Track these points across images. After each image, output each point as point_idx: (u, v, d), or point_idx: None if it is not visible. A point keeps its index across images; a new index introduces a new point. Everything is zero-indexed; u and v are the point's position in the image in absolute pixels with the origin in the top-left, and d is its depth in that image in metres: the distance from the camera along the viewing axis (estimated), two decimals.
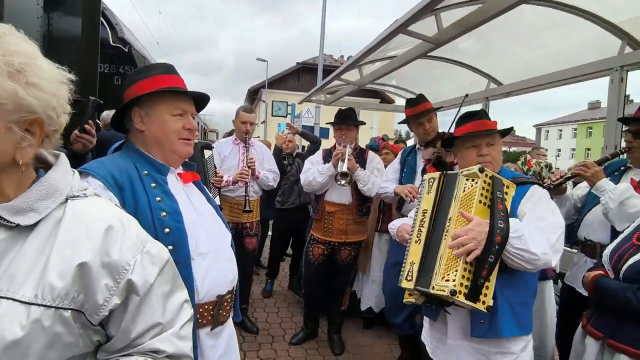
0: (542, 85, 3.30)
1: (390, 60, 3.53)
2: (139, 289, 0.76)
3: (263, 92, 23.41)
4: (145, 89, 1.25)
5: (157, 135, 1.26)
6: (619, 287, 1.53)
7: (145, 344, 0.78)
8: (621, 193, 1.93)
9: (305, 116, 11.85)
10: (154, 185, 1.20)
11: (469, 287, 1.39)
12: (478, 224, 1.42)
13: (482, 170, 1.52)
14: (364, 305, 3.66)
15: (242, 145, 3.40)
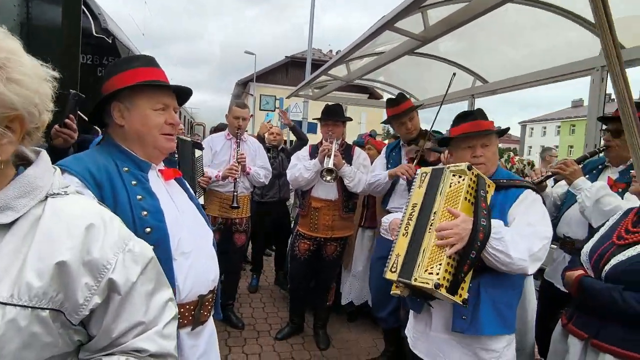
0: (527, 83, 3.34)
1: (378, 56, 3.53)
2: (121, 288, 0.75)
3: (251, 86, 23.23)
4: (125, 82, 1.20)
5: (139, 131, 1.22)
6: (605, 288, 1.53)
7: (127, 343, 0.77)
8: (597, 191, 1.98)
9: (293, 110, 11.80)
10: (134, 182, 1.16)
11: (451, 281, 1.43)
12: (463, 220, 1.46)
13: (471, 168, 1.55)
14: (344, 299, 3.70)
15: (234, 141, 3.38)
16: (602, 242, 1.68)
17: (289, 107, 11.93)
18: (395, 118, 2.80)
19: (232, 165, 3.19)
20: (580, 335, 1.62)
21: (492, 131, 1.76)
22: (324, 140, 3.07)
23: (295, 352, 3.19)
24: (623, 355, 1.45)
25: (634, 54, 2.42)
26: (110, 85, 1.22)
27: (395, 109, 2.81)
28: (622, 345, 1.46)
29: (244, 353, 3.11)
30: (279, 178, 4.40)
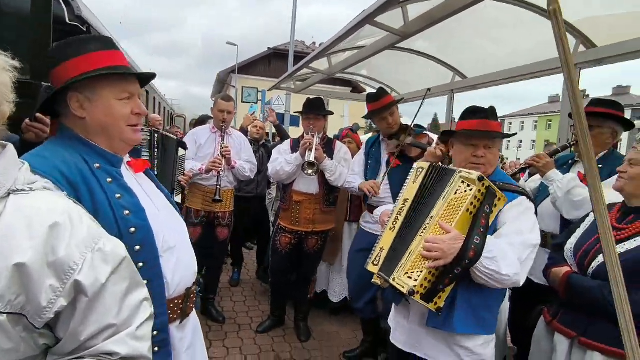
0: (505, 79, 3.42)
1: (359, 50, 3.54)
2: (88, 290, 0.72)
3: (233, 78, 22.89)
4: (81, 68, 1.05)
5: (103, 123, 1.09)
6: (595, 286, 1.52)
7: (97, 346, 0.74)
8: (568, 183, 2.06)
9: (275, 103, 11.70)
10: (109, 180, 1.07)
11: (428, 289, 1.42)
12: (453, 237, 1.40)
13: (482, 180, 1.44)
14: (335, 296, 3.70)
15: (219, 134, 3.35)
16: (586, 238, 1.68)
17: (271, 100, 11.82)
18: (375, 113, 2.82)
19: (215, 159, 3.17)
20: (567, 333, 1.62)
21: (499, 134, 1.71)
22: (305, 134, 3.07)
23: (276, 345, 3.21)
24: (613, 353, 1.46)
25: (605, 52, 2.50)
26: (64, 71, 1.06)
27: (376, 103, 2.82)
28: (612, 342, 1.45)
29: (225, 347, 3.11)
30: (257, 174, 4.36)
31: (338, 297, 3.69)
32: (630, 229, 1.55)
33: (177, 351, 1.21)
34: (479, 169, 1.62)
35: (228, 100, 3.37)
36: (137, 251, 1.03)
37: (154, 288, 1.06)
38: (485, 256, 1.40)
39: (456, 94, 4.09)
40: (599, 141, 2.18)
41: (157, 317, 1.06)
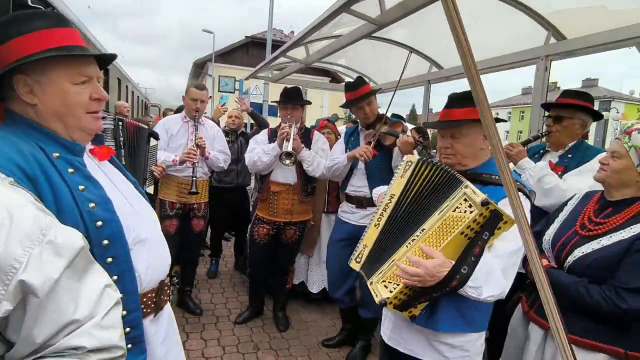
0: (479, 70, 3.46)
1: (336, 39, 3.50)
2: (38, 290, 0.65)
3: (209, 66, 22.36)
4: (29, 48, 0.92)
5: (57, 110, 0.98)
6: (571, 282, 1.51)
7: (58, 344, 0.68)
8: (539, 171, 2.13)
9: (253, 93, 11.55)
10: (71, 170, 0.96)
11: (403, 301, 1.35)
12: (439, 265, 1.26)
13: (486, 204, 1.23)
14: (315, 287, 3.71)
15: (191, 124, 3.24)
16: (564, 230, 1.67)
17: (249, 89, 11.65)
18: (353, 102, 2.80)
19: (190, 149, 3.08)
20: (542, 324, 1.62)
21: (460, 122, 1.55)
22: (283, 124, 3.04)
23: (255, 335, 3.21)
24: (586, 345, 1.47)
25: (575, 44, 2.57)
26: (7, 52, 0.93)
27: (353, 93, 2.80)
28: (585, 335, 1.47)
29: (203, 339, 3.08)
30: (237, 163, 4.29)
31: (317, 288, 3.71)
32: (607, 224, 1.53)
33: (151, 345, 1.17)
34: (449, 160, 1.59)
35: (201, 89, 3.27)
36: (105, 246, 0.97)
37: (126, 284, 1.02)
38: (470, 285, 1.29)
39: (433, 85, 4.13)
40: (569, 132, 2.25)
41: (130, 313, 1.03)
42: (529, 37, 2.96)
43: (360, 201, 2.84)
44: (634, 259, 1.40)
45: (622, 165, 1.51)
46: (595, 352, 1.47)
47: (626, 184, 1.53)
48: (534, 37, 2.90)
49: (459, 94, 1.61)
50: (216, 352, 2.92)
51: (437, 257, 1.27)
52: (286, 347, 3.08)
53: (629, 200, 1.52)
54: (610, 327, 1.45)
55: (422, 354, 1.58)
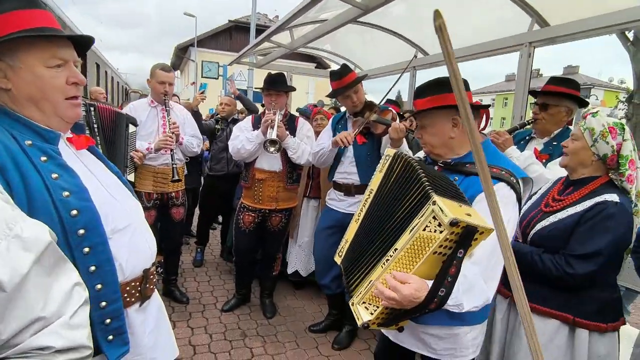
0: (464, 57, 3.47)
1: (322, 23, 3.45)
2: (5, 284, 0.63)
3: (192, 51, 21.84)
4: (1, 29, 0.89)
5: (32, 95, 0.96)
6: (527, 251, 1.65)
7: (25, 343, 0.66)
8: (525, 160, 2.15)
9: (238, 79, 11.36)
10: (44, 158, 0.94)
11: (385, 320, 1.32)
12: (416, 289, 1.18)
13: (455, 225, 1.12)
14: (290, 268, 3.76)
15: (160, 108, 3.09)
16: (531, 209, 1.81)
17: (233, 75, 11.44)
18: (339, 91, 2.75)
19: (166, 136, 2.94)
20: (504, 293, 1.77)
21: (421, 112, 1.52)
22: (267, 111, 2.99)
23: (242, 323, 3.22)
24: (539, 311, 1.61)
25: (558, 31, 2.59)
26: None
27: (339, 82, 2.74)
28: (541, 302, 1.61)
29: (189, 327, 3.08)
30: (227, 151, 4.22)
31: (291, 269, 3.74)
32: (565, 201, 1.66)
33: (137, 335, 1.16)
34: (426, 149, 1.58)
35: (168, 71, 3.09)
36: (81, 235, 0.94)
37: (105, 274, 1.00)
38: (450, 304, 1.23)
39: (418, 71, 4.12)
40: (555, 119, 2.28)
41: (110, 304, 1.01)
42: (512, 24, 2.97)
43: (348, 188, 2.83)
44: (582, 228, 1.54)
45: (578, 146, 1.65)
46: (548, 317, 1.61)
47: (583, 164, 1.66)
48: (518, 23, 2.91)
49: (422, 84, 1.56)
50: (203, 340, 2.92)
51: (412, 281, 1.18)
52: (273, 333, 3.11)
53: (587, 179, 1.65)
54: (562, 295, 1.59)
55: (409, 344, 1.59)
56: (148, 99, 3.16)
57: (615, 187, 1.59)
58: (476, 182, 1.37)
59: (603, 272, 1.54)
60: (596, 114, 1.63)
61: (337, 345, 2.96)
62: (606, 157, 1.59)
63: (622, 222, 1.50)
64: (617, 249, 1.53)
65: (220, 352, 2.80)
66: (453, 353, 1.51)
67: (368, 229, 1.45)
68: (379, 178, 1.48)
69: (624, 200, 1.53)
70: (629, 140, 1.56)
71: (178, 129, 3.04)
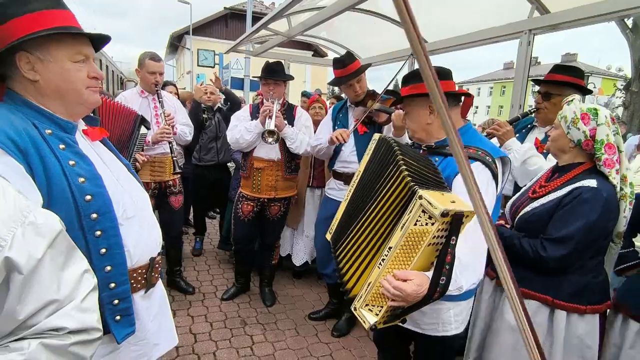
0: (462, 45, 3.44)
1: (320, 10, 3.40)
2: (22, 267, 0.68)
3: (187, 39, 21.55)
4: (30, 27, 0.97)
5: (59, 87, 1.04)
6: (509, 235, 1.73)
7: (40, 324, 0.71)
8: (524, 152, 2.14)
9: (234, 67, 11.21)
10: (62, 146, 1.02)
11: (390, 317, 1.35)
12: (418, 285, 1.22)
13: (445, 215, 1.17)
14: (298, 260, 3.76)
15: (152, 99, 3.06)
16: (521, 196, 1.87)
17: (229, 64, 11.31)
18: (342, 80, 2.72)
19: (163, 129, 2.92)
20: (490, 275, 1.86)
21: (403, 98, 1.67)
22: (265, 100, 2.97)
23: (242, 311, 3.25)
24: (522, 293, 1.64)
25: (559, 18, 2.56)
26: (8, 31, 0.97)
27: (343, 70, 2.71)
28: (523, 284, 1.66)
29: (190, 315, 3.11)
30: (216, 140, 4.18)
31: (300, 260, 3.76)
32: (548, 187, 1.71)
33: (142, 320, 1.22)
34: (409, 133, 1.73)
35: (158, 60, 3.06)
36: (94, 219, 1.02)
37: (114, 256, 1.07)
38: (451, 288, 1.30)
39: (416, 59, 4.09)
40: (558, 108, 2.23)
41: (119, 286, 1.09)
42: (512, 11, 2.94)
43: (348, 178, 2.83)
44: (559, 214, 1.60)
45: (556, 133, 1.72)
46: (529, 299, 1.66)
47: (563, 150, 1.71)
48: (517, 11, 2.88)
49: (408, 73, 1.73)
50: (204, 328, 2.95)
51: (413, 277, 1.23)
52: (273, 321, 3.14)
53: (570, 165, 1.70)
54: (543, 278, 1.65)
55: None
56: (138, 89, 3.12)
57: (598, 173, 1.61)
58: (453, 162, 1.46)
59: (578, 256, 1.58)
60: (571, 102, 1.69)
61: (337, 332, 3.00)
62: (580, 143, 1.63)
63: (595, 207, 1.53)
64: (590, 233, 1.54)
65: (221, 339, 2.83)
66: (436, 328, 1.60)
67: (353, 205, 1.58)
68: (366, 161, 1.62)
69: (602, 186, 1.55)
70: (604, 125, 1.57)
71: (173, 120, 3.03)
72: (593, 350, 1.64)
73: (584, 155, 1.66)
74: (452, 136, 0.52)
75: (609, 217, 1.57)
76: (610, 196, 1.55)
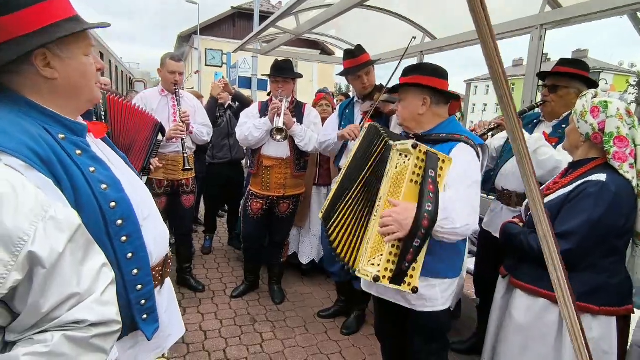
0: (472, 40, 3.41)
1: (328, 8, 3.39)
2: (45, 261, 0.69)
3: (195, 39, 21.67)
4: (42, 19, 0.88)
5: (77, 84, 0.97)
6: (517, 232, 1.73)
7: (62, 317, 0.72)
8: (535, 142, 2.11)
9: (242, 66, 11.24)
10: (79, 152, 0.95)
11: (394, 271, 1.39)
12: (405, 209, 1.38)
13: (416, 147, 1.38)
14: (305, 258, 3.77)
15: (171, 97, 3.13)
16: None
17: (237, 63, 11.35)
18: (351, 71, 2.74)
19: (177, 126, 2.98)
20: (503, 273, 1.87)
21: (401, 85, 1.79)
22: (274, 98, 2.98)
23: (251, 308, 3.26)
24: (529, 290, 1.67)
25: (571, 12, 2.52)
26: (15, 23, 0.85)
27: (352, 61, 2.73)
28: (530, 282, 1.66)
29: (200, 313, 3.13)
30: (228, 138, 4.22)
31: (307, 258, 3.76)
32: (560, 183, 1.70)
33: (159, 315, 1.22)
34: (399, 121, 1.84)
35: (178, 60, 3.14)
36: (119, 226, 0.99)
37: (139, 259, 1.06)
38: (441, 218, 1.40)
39: (426, 56, 4.06)
40: (565, 101, 2.24)
41: (145, 287, 1.09)
42: (522, 6, 2.90)
43: None
44: (565, 208, 1.58)
45: (569, 128, 1.72)
46: (537, 296, 1.64)
47: (576, 146, 1.70)
48: (529, 5, 2.84)
49: (410, 65, 1.86)
50: (214, 326, 2.97)
51: (400, 204, 1.40)
52: (282, 319, 3.15)
53: (582, 161, 1.67)
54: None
55: (390, 297, 1.79)
56: (159, 88, 3.21)
57: (611, 167, 1.56)
58: (444, 146, 1.66)
59: (585, 252, 1.53)
60: (584, 96, 1.67)
61: (346, 330, 2.99)
62: (589, 136, 1.61)
63: (600, 203, 1.48)
64: (596, 229, 1.49)
65: (230, 337, 2.85)
66: (424, 303, 1.72)
67: (346, 182, 1.71)
68: (357, 144, 1.78)
69: (612, 180, 1.50)
70: (614, 117, 1.53)
71: (189, 119, 3.08)
72: (610, 356, 1.56)
73: (596, 151, 1.62)
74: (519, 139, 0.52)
75: (619, 213, 1.50)
76: (620, 191, 1.49)
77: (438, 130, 1.76)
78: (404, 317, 1.86)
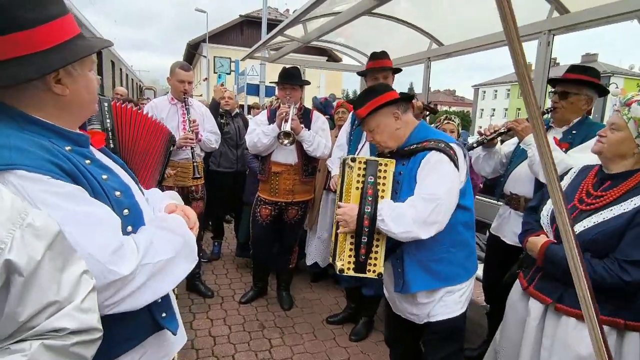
0: (479, 46, 3.41)
1: (335, 16, 3.43)
2: (22, 269, 0.67)
3: (204, 47, 21.98)
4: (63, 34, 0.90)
5: (84, 99, 0.98)
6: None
7: (41, 325, 0.70)
8: None
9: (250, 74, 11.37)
10: (88, 162, 0.97)
11: (355, 262, 1.70)
12: (350, 209, 1.68)
13: (354, 160, 1.69)
14: (310, 260, 3.78)
15: (180, 106, 3.17)
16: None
17: (245, 70, 11.47)
18: (371, 71, 2.82)
19: (186, 135, 3.03)
20: (543, 299, 1.62)
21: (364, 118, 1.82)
22: (282, 104, 3.01)
23: (260, 314, 3.27)
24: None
25: (578, 18, 2.52)
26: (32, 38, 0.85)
27: (376, 62, 2.81)
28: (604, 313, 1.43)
29: (209, 318, 3.15)
30: (236, 149, 4.20)
31: (311, 260, 3.76)
32: (607, 197, 1.53)
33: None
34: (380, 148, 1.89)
35: (187, 70, 3.18)
36: (129, 232, 0.99)
37: None
38: (378, 219, 1.63)
39: (433, 62, 4.07)
40: (575, 107, 2.23)
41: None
42: (530, 12, 2.90)
43: None
44: (635, 231, 1.40)
45: (620, 137, 1.50)
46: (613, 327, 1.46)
47: (623, 156, 1.53)
48: (536, 11, 2.84)
49: (355, 97, 1.97)
50: (223, 331, 2.98)
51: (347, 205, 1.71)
52: (291, 325, 3.15)
53: (627, 172, 1.52)
54: (613, 301, 1.45)
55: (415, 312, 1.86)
56: (168, 96, 3.26)
57: None
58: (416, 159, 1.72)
59: None
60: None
61: (355, 336, 2.98)
62: None
63: None
64: None
65: (239, 342, 2.86)
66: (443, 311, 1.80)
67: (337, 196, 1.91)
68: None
69: None
70: None
71: (198, 127, 3.11)
72: None
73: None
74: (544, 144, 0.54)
75: None
76: None
77: (410, 140, 1.81)
78: (418, 327, 1.88)
